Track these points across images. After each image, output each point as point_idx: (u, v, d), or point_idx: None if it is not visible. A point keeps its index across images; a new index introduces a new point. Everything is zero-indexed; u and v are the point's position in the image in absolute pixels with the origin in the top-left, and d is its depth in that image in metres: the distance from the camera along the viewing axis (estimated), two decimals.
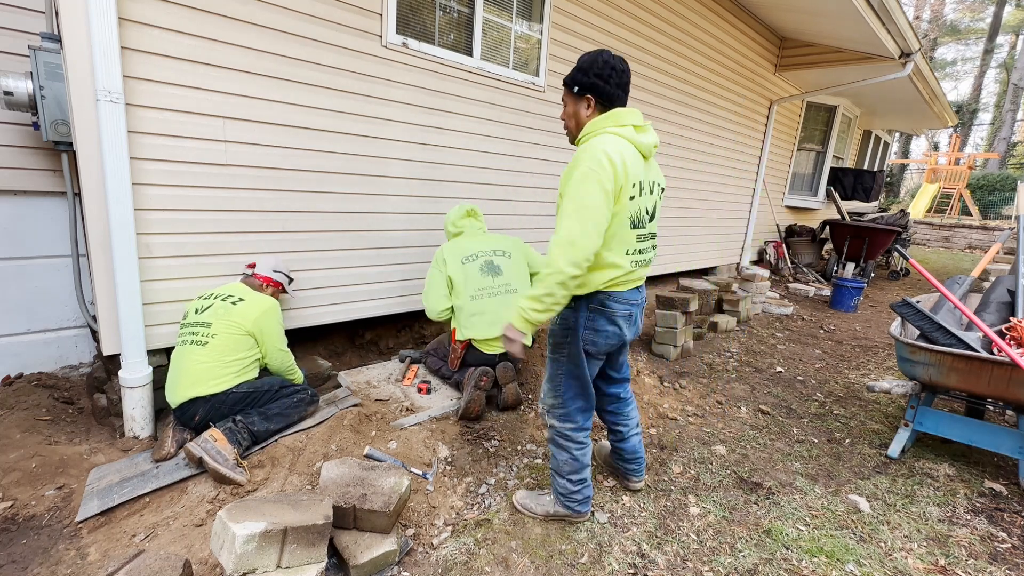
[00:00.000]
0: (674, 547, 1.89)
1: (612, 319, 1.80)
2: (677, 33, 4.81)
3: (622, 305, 1.81)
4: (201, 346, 2.16)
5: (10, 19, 2.49)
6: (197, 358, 2.15)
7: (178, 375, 2.15)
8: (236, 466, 1.99)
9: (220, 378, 2.17)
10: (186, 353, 2.16)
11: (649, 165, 1.79)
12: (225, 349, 2.19)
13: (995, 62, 25.26)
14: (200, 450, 1.96)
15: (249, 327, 2.23)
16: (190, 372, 2.14)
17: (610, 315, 1.79)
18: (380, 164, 2.97)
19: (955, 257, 12.13)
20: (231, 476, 1.93)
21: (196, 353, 2.16)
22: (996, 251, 3.45)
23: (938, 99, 8.17)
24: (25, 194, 2.66)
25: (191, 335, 2.19)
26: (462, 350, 2.72)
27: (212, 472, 1.94)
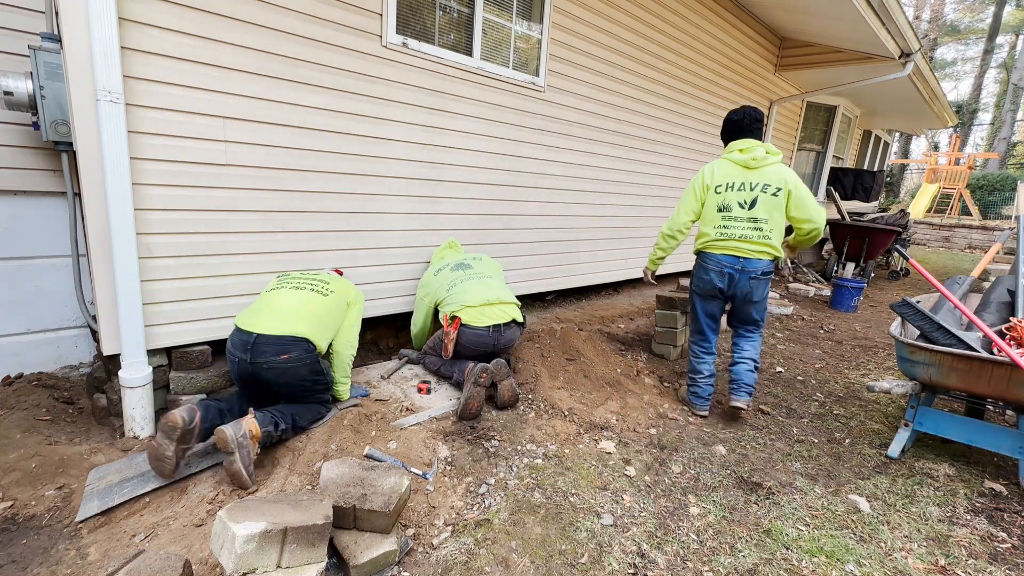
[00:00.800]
0: (674, 547, 1.89)
1: (706, 270, 2.83)
2: (677, 33, 4.81)
3: (712, 262, 2.80)
4: (323, 296, 2.28)
5: (10, 19, 2.49)
6: (318, 303, 2.25)
7: (287, 309, 2.18)
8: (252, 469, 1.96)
9: (327, 333, 2.27)
10: (304, 296, 2.24)
11: (751, 172, 2.70)
12: (336, 310, 2.33)
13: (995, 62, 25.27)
14: (235, 443, 1.87)
15: (351, 298, 2.45)
16: (307, 312, 2.20)
17: (704, 267, 2.84)
18: (380, 164, 2.97)
19: (955, 257, 12.13)
20: (245, 480, 1.89)
21: (317, 300, 2.25)
22: (996, 251, 3.45)
23: (938, 99, 8.17)
24: (25, 194, 2.66)
25: (309, 284, 2.29)
26: (454, 330, 2.75)
27: (231, 471, 1.88)
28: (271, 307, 2.20)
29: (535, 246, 4.10)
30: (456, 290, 2.86)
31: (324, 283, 2.36)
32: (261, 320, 2.15)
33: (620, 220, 4.87)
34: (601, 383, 3.05)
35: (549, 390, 2.90)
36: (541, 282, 4.24)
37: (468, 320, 2.73)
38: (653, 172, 5.08)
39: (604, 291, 5.45)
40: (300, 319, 2.19)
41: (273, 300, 2.23)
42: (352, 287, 2.52)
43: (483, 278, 2.96)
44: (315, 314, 2.24)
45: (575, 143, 4.16)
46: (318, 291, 2.30)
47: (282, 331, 2.13)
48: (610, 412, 2.86)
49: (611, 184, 4.63)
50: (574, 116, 4.08)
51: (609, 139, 4.46)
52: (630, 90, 4.52)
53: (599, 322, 4.30)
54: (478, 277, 2.95)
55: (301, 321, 2.18)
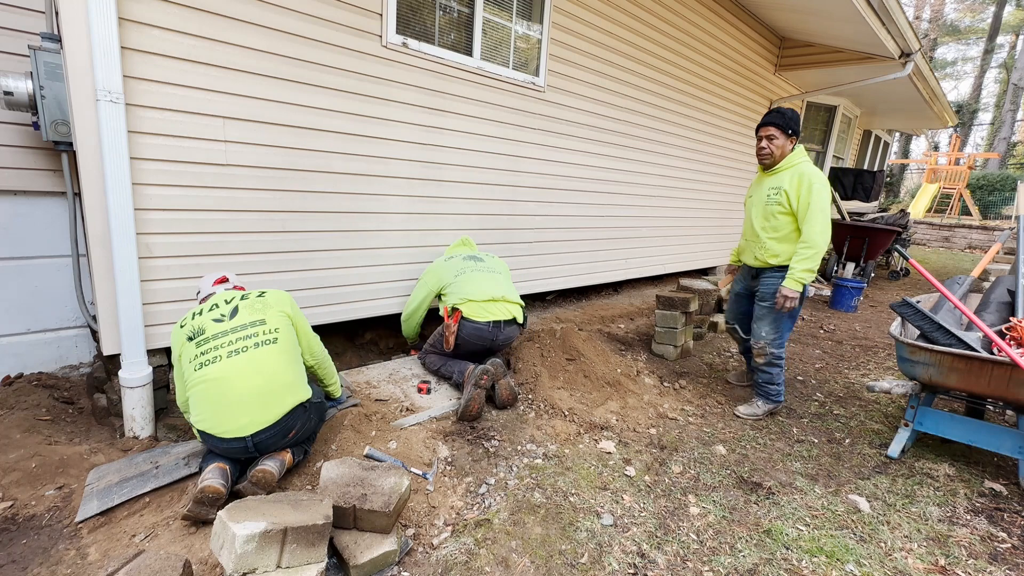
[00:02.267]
0: (674, 547, 1.89)
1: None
2: (677, 33, 4.81)
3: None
4: (274, 343, 1.89)
5: (10, 19, 2.49)
6: (277, 358, 1.87)
7: (259, 388, 1.82)
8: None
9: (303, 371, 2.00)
10: (258, 361, 1.83)
11: None
12: (293, 345, 1.98)
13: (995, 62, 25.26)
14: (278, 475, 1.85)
15: (290, 313, 2.05)
16: (278, 379, 1.86)
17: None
18: (380, 164, 2.97)
19: (955, 257, 12.13)
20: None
21: (273, 355, 1.86)
22: (996, 251, 3.45)
23: (938, 99, 8.17)
24: (25, 194, 2.66)
25: (248, 338, 1.86)
26: (455, 323, 2.74)
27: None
28: (238, 398, 1.80)
29: (535, 246, 4.10)
30: (463, 279, 2.84)
31: (260, 325, 1.92)
32: (240, 419, 1.80)
33: (620, 220, 4.86)
34: (601, 383, 3.05)
35: (549, 390, 2.90)
36: (541, 282, 4.24)
37: (469, 314, 2.73)
38: (653, 172, 5.08)
39: (604, 291, 5.45)
40: (279, 389, 1.86)
41: (231, 386, 1.80)
42: (280, 300, 2.06)
43: (492, 273, 2.95)
44: (285, 370, 1.90)
45: (575, 143, 4.16)
46: (266, 342, 1.89)
47: (275, 417, 1.84)
48: (610, 412, 2.86)
49: (611, 184, 4.63)
50: (574, 116, 4.07)
51: (609, 139, 4.46)
52: (630, 90, 4.52)
53: (599, 322, 4.30)
54: (488, 271, 2.95)
55: (282, 390, 1.87)
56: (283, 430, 1.88)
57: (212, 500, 1.72)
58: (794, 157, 2.79)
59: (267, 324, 1.94)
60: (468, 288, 2.80)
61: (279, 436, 1.88)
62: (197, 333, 1.88)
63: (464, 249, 3.26)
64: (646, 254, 5.31)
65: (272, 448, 1.90)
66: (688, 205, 5.72)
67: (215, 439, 1.83)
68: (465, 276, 2.87)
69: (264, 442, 1.86)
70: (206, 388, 1.81)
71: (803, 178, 2.68)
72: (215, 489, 1.72)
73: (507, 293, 2.88)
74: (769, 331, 2.90)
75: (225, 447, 1.84)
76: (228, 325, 1.89)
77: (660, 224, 5.40)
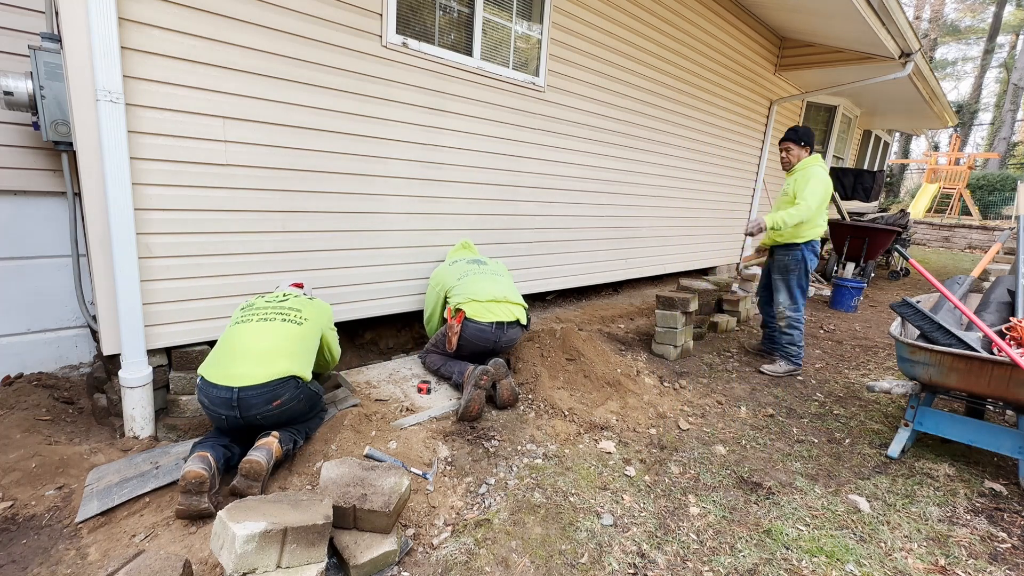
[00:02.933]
0: (674, 547, 1.89)
1: (816, 254, 3.67)
2: (677, 33, 4.81)
3: (817, 246, 3.67)
4: (298, 324, 2.11)
5: (10, 19, 2.49)
6: (295, 334, 2.06)
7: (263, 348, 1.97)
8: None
9: (309, 360, 2.11)
10: (277, 329, 2.04)
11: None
12: (313, 337, 2.17)
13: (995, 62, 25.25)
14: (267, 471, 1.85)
15: (325, 322, 2.31)
16: (286, 346, 2.01)
17: (815, 251, 3.66)
18: (380, 164, 2.97)
19: (955, 257, 12.13)
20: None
21: (293, 331, 2.07)
22: (996, 251, 3.45)
23: (938, 99, 8.17)
24: (25, 194, 2.66)
25: (279, 314, 2.10)
26: (458, 323, 2.76)
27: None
28: (243, 349, 1.97)
29: (535, 246, 4.10)
30: (466, 281, 2.88)
31: (296, 311, 2.17)
32: (236, 368, 1.92)
33: (620, 220, 4.86)
34: (601, 383, 3.05)
35: (549, 390, 2.90)
36: (541, 282, 4.24)
37: (472, 314, 2.73)
38: (653, 172, 5.07)
39: (604, 291, 5.45)
40: (281, 355, 2.00)
41: (243, 339, 2.00)
42: (322, 308, 2.35)
43: (495, 275, 2.98)
44: (294, 346, 2.07)
45: (575, 143, 4.15)
46: (291, 320, 2.12)
47: (265, 376, 1.92)
48: (610, 412, 2.86)
49: (611, 184, 4.63)
50: (574, 116, 4.07)
51: (609, 139, 4.46)
52: (630, 90, 4.52)
53: (599, 322, 4.30)
54: (491, 274, 2.98)
55: (282, 357, 1.99)
56: (269, 396, 1.93)
57: (197, 486, 1.72)
58: (806, 161, 3.59)
59: (301, 313, 2.17)
60: (471, 289, 2.82)
61: (263, 401, 1.93)
62: (248, 305, 2.18)
63: (466, 253, 3.29)
64: (646, 254, 5.31)
65: (254, 411, 1.93)
66: (688, 205, 5.72)
67: (206, 385, 1.92)
68: (468, 279, 2.89)
69: (247, 400, 1.90)
70: (225, 338, 2.05)
71: (806, 172, 3.53)
72: (196, 473, 1.71)
73: (509, 294, 2.89)
74: (784, 297, 3.71)
75: (212, 396, 1.91)
76: (272, 303, 2.16)
77: (660, 224, 5.39)
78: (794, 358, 3.72)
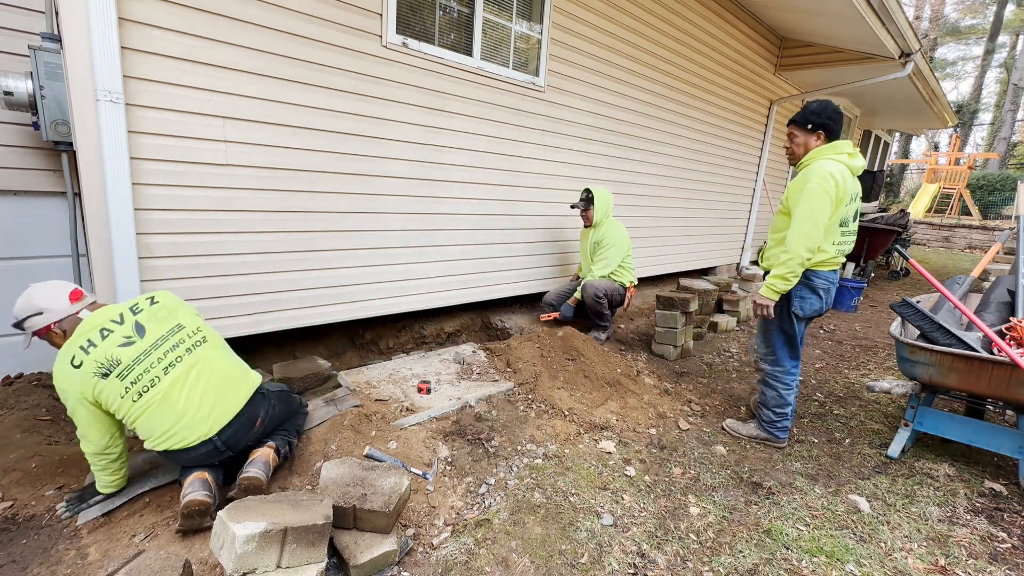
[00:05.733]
0: (674, 547, 1.89)
1: (815, 290, 2.47)
2: (677, 33, 4.81)
3: (822, 280, 2.47)
4: (204, 342, 1.84)
5: (10, 19, 2.49)
6: (215, 357, 1.82)
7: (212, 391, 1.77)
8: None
9: (246, 368, 1.95)
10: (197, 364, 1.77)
11: (856, 182, 2.42)
12: (220, 337, 1.96)
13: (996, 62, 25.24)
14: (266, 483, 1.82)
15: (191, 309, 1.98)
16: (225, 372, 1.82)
17: (813, 287, 2.46)
18: (380, 164, 2.97)
19: (955, 257, 12.13)
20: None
21: (208, 353, 1.82)
22: (996, 251, 3.45)
23: (938, 99, 8.16)
24: (25, 194, 2.66)
25: (178, 347, 1.77)
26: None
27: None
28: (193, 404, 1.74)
29: (535, 246, 4.10)
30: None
31: (180, 331, 1.82)
32: (201, 424, 1.74)
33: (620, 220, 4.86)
34: (601, 383, 3.05)
35: (549, 390, 2.90)
36: (541, 282, 4.24)
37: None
38: (653, 172, 5.07)
39: None
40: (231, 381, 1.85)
41: (183, 397, 1.73)
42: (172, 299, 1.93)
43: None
44: (226, 364, 1.88)
45: (575, 143, 4.15)
46: (196, 343, 1.83)
47: (236, 408, 1.81)
48: (610, 412, 2.86)
49: (611, 184, 4.62)
50: (574, 116, 4.07)
51: (609, 139, 4.46)
52: (630, 90, 4.52)
53: None
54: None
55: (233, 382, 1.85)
56: (248, 421, 1.85)
57: (200, 512, 1.68)
58: (813, 154, 2.43)
59: (186, 327, 1.84)
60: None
61: (246, 427, 1.85)
62: (112, 366, 1.66)
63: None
64: (646, 254, 5.31)
65: (243, 442, 1.85)
66: (688, 205, 5.71)
67: (183, 452, 1.74)
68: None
69: (232, 437, 1.80)
70: (156, 411, 1.69)
71: (804, 176, 2.36)
72: (200, 502, 1.67)
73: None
74: (760, 344, 2.73)
75: (195, 456, 1.76)
76: (144, 344, 1.72)
77: (660, 224, 5.39)
78: (767, 425, 2.68)
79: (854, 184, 2.40)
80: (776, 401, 2.65)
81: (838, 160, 2.35)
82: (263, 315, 2.66)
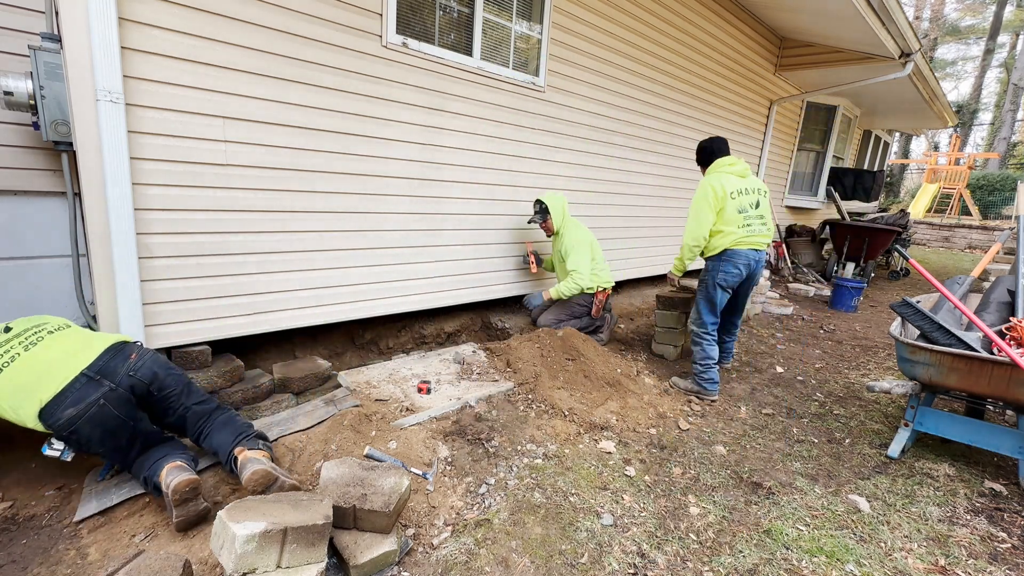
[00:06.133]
0: (674, 547, 1.89)
1: (734, 264, 3.15)
2: (677, 33, 4.81)
3: (740, 257, 3.14)
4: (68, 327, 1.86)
5: (10, 19, 2.48)
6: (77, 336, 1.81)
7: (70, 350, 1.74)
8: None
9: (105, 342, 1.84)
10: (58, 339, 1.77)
11: (744, 180, 3.18)
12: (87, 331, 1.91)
13: (996, 62, 25.24)
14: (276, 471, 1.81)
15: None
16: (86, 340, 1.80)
17: (732, 262, 3.16)
18: (380, 164, 2.97)
19: (955, 257, 12.13)
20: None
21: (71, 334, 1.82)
22: (996, 251, 3.45)
23: (938, 99, 8.17)
24: (25, 194, 2.66)
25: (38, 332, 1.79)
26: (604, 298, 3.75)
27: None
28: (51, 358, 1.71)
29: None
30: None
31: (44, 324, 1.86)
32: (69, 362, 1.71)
33: (619, 220, 4.86)
34: (601, 383, 3.05)
35: (549, 390, 2.90)
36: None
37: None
38: (653, 172, 5.08)
39: None
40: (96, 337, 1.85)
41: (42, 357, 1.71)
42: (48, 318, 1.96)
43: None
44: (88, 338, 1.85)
45: (575, 143, 4.15)
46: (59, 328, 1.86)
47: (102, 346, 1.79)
48: (610, 412, 2.86)
49: (610, 184, 4.63)
50: (574, 116, 4.07)
51: (609, 139, 4.46)
52: (630, 90, 4.52)
53: None
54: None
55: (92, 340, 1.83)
56: (120, 354, 1.80)
57: (192, 492, 1.69)
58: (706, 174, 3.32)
59: (51, 323, 1.86)
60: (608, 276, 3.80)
61: (120, 358, 1.79)
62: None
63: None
64: (646, 254, 5.31)
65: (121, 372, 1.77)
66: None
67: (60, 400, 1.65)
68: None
69: (106, 366, 1.74)
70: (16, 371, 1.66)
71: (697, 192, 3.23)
72: (188, 481, 1.66)
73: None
74: (692, 311, 3.46)
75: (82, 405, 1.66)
76: (4, 336, 1.75)
77: (660, 224, 5.39)
78: (696, 376, 3.28)
79: (741, 182, 3.15)
80: (701, 355, 3.28)
81: (717, 173, 3.19)
82: (263, 315, 2.67)
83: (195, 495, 1.70)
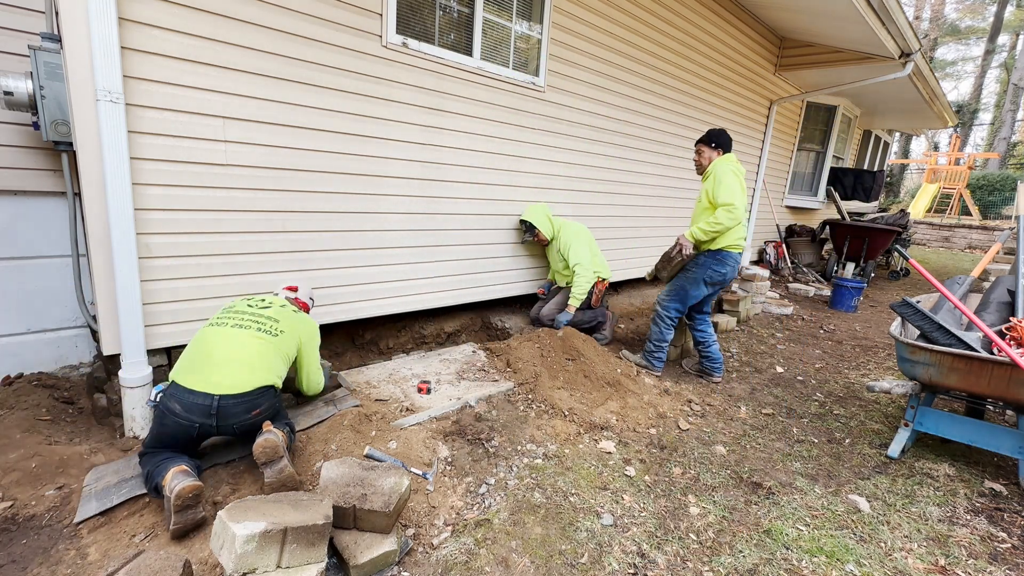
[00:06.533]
0: (674, 547, 1.89)
1: (725, 265, 3.24)
2: (677, 33, 4.81)
3: (731, 260, 3.24)
4: (273, 336, 2.04)
5: (10, 19, 2.49)
6: (268, 347, 1.99)
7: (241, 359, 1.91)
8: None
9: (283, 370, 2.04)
10: (252, 339, 1.97)
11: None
12: (287, 348, 2.09)
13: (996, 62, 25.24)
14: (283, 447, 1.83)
15: (303, 335, 2.20)
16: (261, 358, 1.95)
17: (725, 263, 3.23)
18: (380, 164, 2.97)
19: (955, 257, 12.13)
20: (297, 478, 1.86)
21: (267, 344, 2.00)
22: (996, 251, 3.45)
23: (938, 99, 8.16)
24: (25, 194, 2.66)
25: (256, 322, 2.03)
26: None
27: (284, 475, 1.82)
28: (222, 357, 1.90)
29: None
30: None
31: (273, 321, 2.09)
32: (216, 375, 1.86)
33: (620, 220, 4.86)
34: (601, 383, 3.05)
35: (549, 390, 2.90)
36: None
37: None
38: (653, 172, 5.07)
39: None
40: (260, 365, 1.95)
41: (219, 346, 1.93)
42: (303, 321, 2.25)
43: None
44: (268, 358, 2.00)
45: (575, 143, 4.16)
46: (266, 331, 2.04)
47: (248, 385, 1.89)
48: (610, 412, 2.86)
49: (611, 184, 4.63)
50: (574, 116, 4.07)
51: (609, 139, 4.46)
52: (630, 90, 4.52)
53: None
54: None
55: (261, 367, 1.95)
56: (250, 405, 1.90)
57: (193, 500, 1.68)
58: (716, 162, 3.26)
59: (278, 324, 2.09)
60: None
61: (244, 410, 1.88)
62: (229, 307, 2.11)
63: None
64: (646, 254, 5.30)
65: (231, 421, 1.87)
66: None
67: (181, 391, 1.82)
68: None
69: (227, 409, 1.84)
70: (197, 341, 1.97)
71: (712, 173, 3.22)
72: (192, 487, 1.66)
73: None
74: (666, 289, 3.48)
75: (187, 403, 1.81)
76: (251, 310, 2.09)
77: (660, 224, 5.39)
78: (647, 354, 3.47)
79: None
80: (657, 336, 3.44)
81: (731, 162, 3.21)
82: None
83: (197, 502, 1.70)
